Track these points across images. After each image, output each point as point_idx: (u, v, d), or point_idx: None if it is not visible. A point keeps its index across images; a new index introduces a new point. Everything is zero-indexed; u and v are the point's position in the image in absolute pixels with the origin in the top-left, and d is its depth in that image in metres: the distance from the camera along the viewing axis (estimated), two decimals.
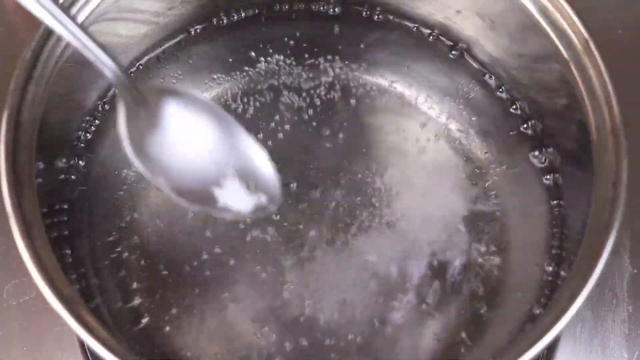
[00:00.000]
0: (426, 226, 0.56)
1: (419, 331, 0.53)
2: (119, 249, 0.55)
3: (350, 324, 0.53)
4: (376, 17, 0.61)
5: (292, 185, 0.57)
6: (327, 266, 0.55)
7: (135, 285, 0.54)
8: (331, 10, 0.61)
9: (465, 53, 0.61)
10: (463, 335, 0.53)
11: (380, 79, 0.61)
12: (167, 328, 0.53)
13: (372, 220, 0.56)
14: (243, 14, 0.61)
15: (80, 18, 0.49)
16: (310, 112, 0.59)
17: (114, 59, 0.43)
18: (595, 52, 0.48)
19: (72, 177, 0.56)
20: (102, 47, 0.43)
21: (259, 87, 0.60)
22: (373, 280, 0.54)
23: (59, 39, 0.48)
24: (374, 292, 0.54)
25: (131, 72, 0.59)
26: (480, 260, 0.55)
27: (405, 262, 0.55)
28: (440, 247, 0.55)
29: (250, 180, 0.49)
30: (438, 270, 0.55)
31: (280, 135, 0.58)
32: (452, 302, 0.54)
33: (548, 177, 0.57)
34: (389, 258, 0.55)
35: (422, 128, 0.59)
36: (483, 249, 0.55)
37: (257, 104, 0.60)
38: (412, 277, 0.54)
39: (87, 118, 0.57)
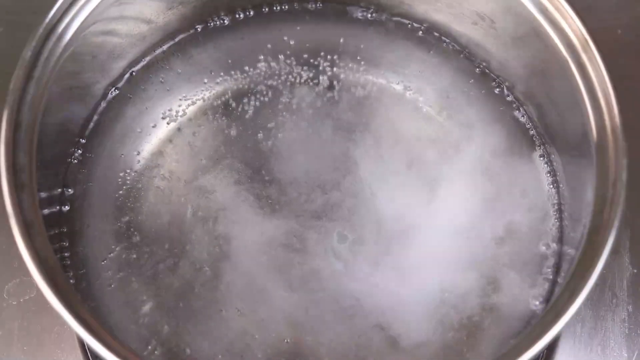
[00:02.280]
0: (425, 226, 0.56)
1: (420, 332, 0.53)
2: (118, 249, 0.55)
3: (349, 326, 0.53)
4: (376, 16, 0.61)
5: (291, 185, 0.57)
6: (327, 267, 0.55)
7: (135, 285, 0.54)
8: (333, 9, 0.61)
9: (465, 52, 0.61)
10: (463, 335, 0.53)
11: (380, 79, 0.61)
12: (167, 327, 0.53)
13: (371, 223, 0.56)
14: (243, 14, 0.61)
15: (81, 18, 0.49)
16: (310, 111, 0.59)
17: None
18: (595, 52, 0.48)
19: (72, 177, 0.56)
20: None
21: (259, 87, 0.60)
22: (371, 279, 0.54)
23: (59, 38, 0.48)
24: (370, 290, 0.54)
25: (132, 72, 0.59)
26: (479, 260, 0.55)
27: (402, 262, 0.55)
28: (438, 248, 0.55)
29: None
30: (437, 271, 0.55)
31: (280, 135, 0.58)
32: (452, 303, 0.54)
33: (548, 176, 0.57)
34: (386, 257, 0.55)
35: (422, 128, 0.59)
36: (482, 248, 0.55)
37: (257, 103, 0.60)
38: (410, 278, 0.54)
39: (87, 118, 0.57)
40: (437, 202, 0.57)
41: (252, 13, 0.61)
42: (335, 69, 0.61)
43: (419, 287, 0.54)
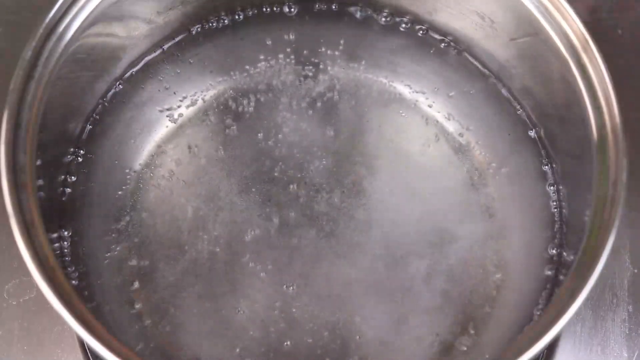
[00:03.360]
0: (426, 227, 0.56)
1: (419, 332, 0.53)
2: (118, 249, 0.55)
3: (350, 323, 0.53)
4: (376, 16, 0.61)
5: (291, 185, 0.57)
6: (327, 266, 0.55)
7: (135, 285, 0.54)
8: (333, 8, 0.61)
9: (465, 53, 0.61)
10: (463, 335, 0.53)
11: (380, 79, 0.61)
12: (167, 328, 0.53)
13: (371, 223, 0.56)
14: (243, 14, 0.61)
15: (81, 18, 0.49)
16: (310, 112, 0.59)
17: None
18: (595, 52, 0.48)
19: (72, 177, 0.56)
20: None
21: (259, 87, 0.60)
22: (371, 281, 0.54)
23: (59, 39, 0.48)
24: (371, 292, 0.54)
25: (132, 72, 0.59)
26: (479, 261, 0.55)
27: (404, 263, 0.55)
28: (439, 248, 0.55)
29: None
30: (437, 271, 0.55)
31: (280, 135, 0.58)
32: (452, 303, 0.54)
33: (548, 177, 0.57)
34: (387, 258, 0.55)
35: (422, 128, 0.59)
36: (483, 249, 0.55)
37: (257, 103, 0.60)
38: (411, 279, 0.54)
39: (87, 117, 0.57)
40: (435, 203, 0.57)
41: (252, 13, 0.61)
42: (335, 68, 0.61)
43: (417, 289, 0.54)
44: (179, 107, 0.59)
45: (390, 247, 0.55)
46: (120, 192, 0.56)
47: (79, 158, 0.56)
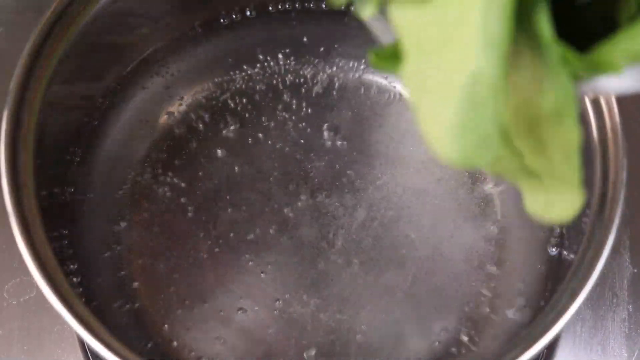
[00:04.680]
0: (426, 226, 0.56)
1: (419, 332, 0.53)
2: (119, 249, 0.55)
3: (350, 323, 0.53)
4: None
5: (291, 185, 0.57)
6: (326, 266, 0.55)
7: (135, 284, 0.54)
8: (332, 9, 0.61)
9: None
10: (463, 335, 0.53)
11: (380, 79, 0.61)
12: (167, 327, 0.53)
13: (371, 223, 0.56)
14: (243, 14, 0.61)
15: (81, 17, 0.49)
16: (310, 111, 0.59)
17: None
18: None
19: (72, 177, 0.56)
20: None
21: (259, 87, 0.60)
22: (371, 280, 0.54)
23: (60, 38, 0.48)
24: (371, 292, 0.54)
25: (132, 71, 0.59)
26: (479, 260, 0.55)
27: (404, 262, 0.55)
28: (439, 247, 0.55)
29: None
30: (437, 270, 0.55)
31: (280, 135, 0.58)
32: (451, 303, 0.54)
33: None
34: (387, 257, 0.55)
35: None
36: (482, 248, 0.55)
37: (257, 103, 0.60)
38: (411, 278, 0.54)
39: (88, 117, 0.57)
40: (435, 203, 0.57)
41: (252, 13, 0.61)
42: (335, 68, 0.61)
43: (417, 288, 0.54)
44: (179, 106, 0.59)
45: (390, 246, 0.55)
46: (120, 192, 0.56)
47: (79, 157, 0.56)
